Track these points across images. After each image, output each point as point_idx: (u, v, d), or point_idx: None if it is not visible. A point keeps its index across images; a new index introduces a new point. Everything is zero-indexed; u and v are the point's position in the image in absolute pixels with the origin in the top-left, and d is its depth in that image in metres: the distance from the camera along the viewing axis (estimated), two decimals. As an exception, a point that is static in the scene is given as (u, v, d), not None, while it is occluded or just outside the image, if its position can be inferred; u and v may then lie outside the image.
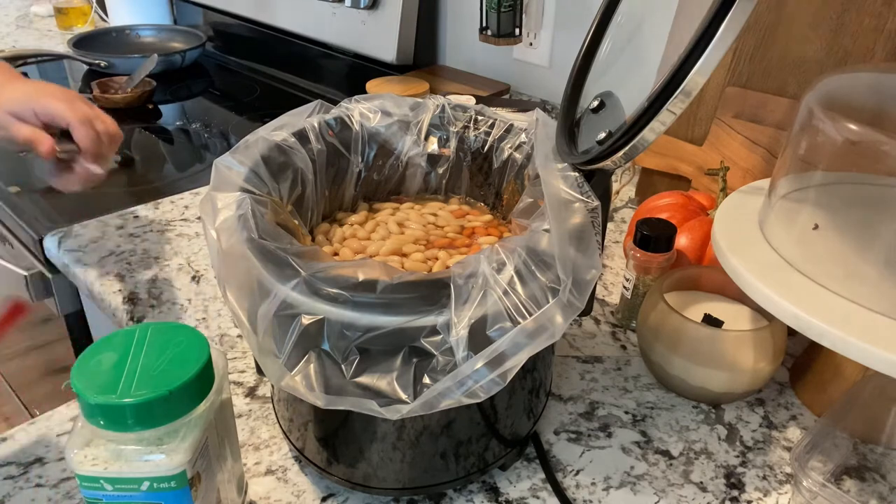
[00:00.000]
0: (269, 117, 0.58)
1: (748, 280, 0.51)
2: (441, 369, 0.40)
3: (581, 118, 0.51)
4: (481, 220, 0.59)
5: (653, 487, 0.51)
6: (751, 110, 0.73)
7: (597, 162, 0.45)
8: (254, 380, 0.60)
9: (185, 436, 0.39)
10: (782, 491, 0.52)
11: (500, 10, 1.05)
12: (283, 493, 0.51)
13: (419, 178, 0.61)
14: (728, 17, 0.37)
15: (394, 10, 1.21)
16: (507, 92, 1.23)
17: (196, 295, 0.71)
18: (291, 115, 0.56)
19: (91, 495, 0.39)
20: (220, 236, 0.45)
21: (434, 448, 0.47)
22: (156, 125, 1.23)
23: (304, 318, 0.40)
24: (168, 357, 0.40)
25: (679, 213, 0.68)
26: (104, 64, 1.37)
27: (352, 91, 1.03)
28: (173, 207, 0.88)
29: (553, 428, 0.56)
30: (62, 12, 1.69)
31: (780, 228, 0.55)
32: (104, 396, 0.37)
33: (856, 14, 0.65)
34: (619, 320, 0.68)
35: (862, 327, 0.46)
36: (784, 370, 0.63)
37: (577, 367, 0.63)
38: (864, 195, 0.52)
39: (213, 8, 1.61)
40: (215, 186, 0.48)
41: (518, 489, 0.51)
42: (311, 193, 0.55)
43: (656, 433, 0.56)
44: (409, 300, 0.40)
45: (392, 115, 0.59)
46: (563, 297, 0.41)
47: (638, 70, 0.47)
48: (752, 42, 0.72)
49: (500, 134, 0.58)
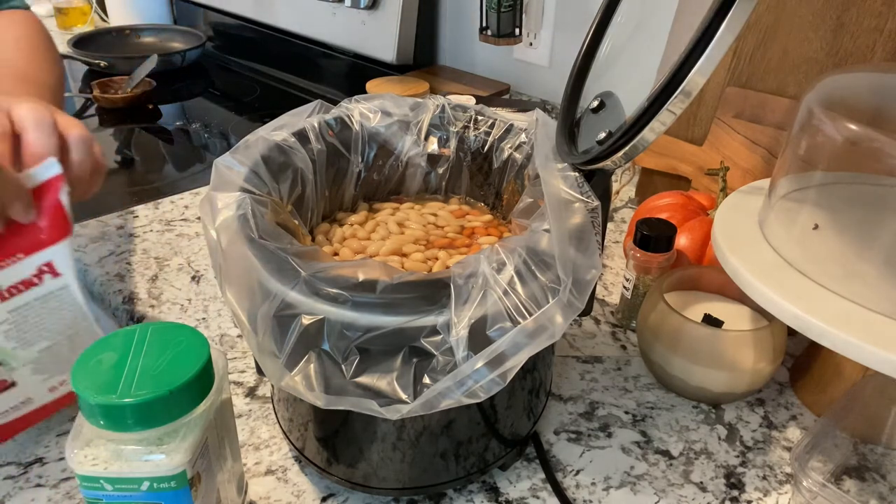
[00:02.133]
0: (269, 117, 0.58)
1: (748, 280, 0.51)
2: (441, 369, 0.40)
3: (581, 118, 0.51)
4: (481, 220, 0.59)
5: (653, 487, 0.51)
6: (751, 110, 0.73)
7: (597, 162, 0.45)
8: (254, 380, 0.60)
9: (185, 436, 0.39)
10: (782, 491, 0.52)
11: (500, 10, 1.05)
12: (283, 493, 0.51)
13: (419, 178, 0.61)
14: (728, 17, 0.37)
15: (394, 10, 1.21)
16: (507, 92, 1.23)
17: (196, 295, 0.71)
18: (291, 115, 0.56)
19: (91, 495, 0.39)
20: (220, 236, 0.45)
21: (434, 448, 0.47)
22: (156, 125, 1.23)
23: (304, 318, 0.40)
24: (168, 357, 0.40)
25: (679, 213, 0.68)
26: (104, 64, 1.37)
27: (352, 91, 1.03)
28: (173, 207, 0.88)
29: (553, 428, 0.56)
30: (62, 12, 1.69)
31: (780, 228, 0.55)
32: (104, 396, 0.37)
33: (856, 14, 0.65)
34: (619, 320, 0.68)
35: (862, 327, 0.46)
36: (784, 370, 0.63)
37: (577, 367, 0.63)
38: (864, 195, 0.52)
39: (213, 8, 1.61)
40: (215, 186, 0.48)
41: (518, 489, 0.51)
42: (311, 193, 0.55)
43: (656, 433, 0.56)
44: (409, 300, 0.40)
45: (392, 115, 0.59)
46: (563, 297, 0.41)
47: (638, 70, 0.47)
48: (752, 42, 0.72)
49: (500, 134, 0.58)
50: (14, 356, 0.47)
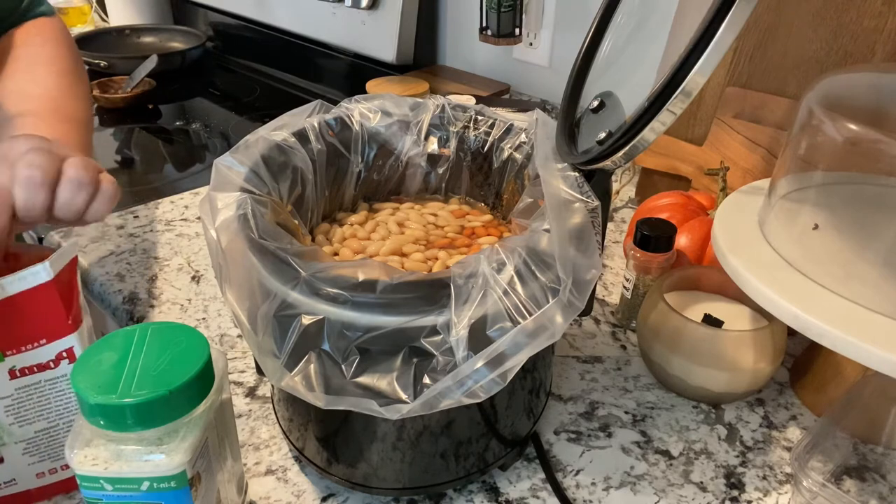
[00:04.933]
0: (269, 117, 0.58)
1: (748, 280, 0.51)
2: (441, 369, 0.40)
3: (581, 118, 0.51)
4: (481, 220, 0.59)
5: (653, 487, 0.51)
6: (751, 110, 0.73)
7: (597, 162, 0.45)
8: (254, 380, 0.60)
9: (185, 436, 0.39)
10: (782, 491, 0.52)
11: (500, 10, 1.05)
12: (283, 493, 0.51)
13: (419, 178, 0.61)
14: (728, 17, 0.37)
15: (394, 10, 1.21)
16: (507, 92, 1.23)
17: (196, 295, 0.71)
18: (291, 115, 0.56)
19: (91, 495, 0.39)
20: (220, 236, 0.45)
21: (434, 448, 0.47)
22: (156, 125, 1.23)
23: (304, 319, 0.40)
24: (168, 357, 0.40)
25: (679, 213, 0.68)
26: (104, 64, 1.37)
27: (352, 91, 1.03)
28: (173, 207, 0.88)
29: (553, 428, 0.56)
30: (62, 12, 1.69)
31: (780, 228, 0.55)
32: (104, 396, 0.37)
33: (856, 14, 0.65)
34: (619, 320, 0.68)
35: (862, 327, 0.46)
36: (784, 370, 0.63)
37: (577, 367, 0.63)
38: (864, 195, 0.52)
39: (213, 8, 1.61)
40: (215, 186, 0.48)
41: (518, 489, 0.51)
42: (311, 193, 0.55)
43: (656, 433, 0.56)
44: (409, 300, 0.40)
45: (392, 115, 0.59)
46: (563, 297, 0.41)
47: (638, 70, 0.47)
48: (752, 42, 0.72)
49: (500, 134, 0.58)
50: (10, 432, 0.46)
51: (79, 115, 0.69)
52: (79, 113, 0.69)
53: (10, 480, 0.48)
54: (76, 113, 0.69)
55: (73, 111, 0.69)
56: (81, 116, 0.69)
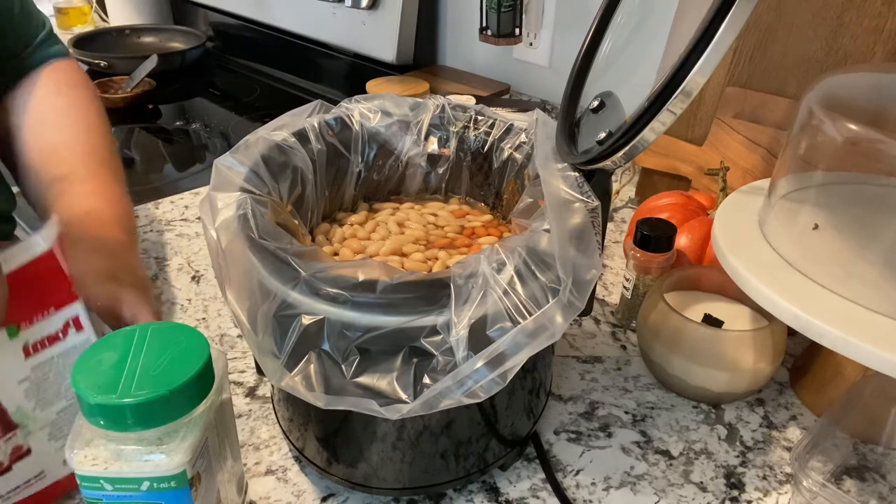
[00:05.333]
0: (269, 117, 0.58)
1: (748, 280, 0.51)
2: (441, 369, 0.40)
3: (581, 118, 0.51)
4: (481, 220, 0.59)
5: (653, 487, 0.51)
6: (751, 110, 0.73)
7: (597, 162, 0.45)
8: (254, 380, 0.60)
9: (185, 436, 0.39)
10: (782, 491, 0.52)
11: (500, 10, 1.05)
12: (283, 493, 0.51)
13: (419, 178, 0.61)
14: (728, 17, 0.37)
15: (394, 10, 1.21)
16: (507, 92, 1.23)
17: (196, 295, 0.71)
18: (291, 115, 0.56)
19: (91, 495, 0.39)
20: (220, 236, 0.45)
21: (434, 448, 0.47)
22: (156, 125, 1.23)
23: (304, 319, 0.40)
24: (168, 357, 0.39)
25: (679, 213, 0.68)
26: (104, 64, 1.37)
27: (352, 91, 1.03)
28: (173, 207, 0.88)
29: (553, 428, 0.56)
30: (62, 12, 1.69)
31: (780, 228, 0.55)
32: (104, 396, 0.37)
33: (856, 14, 0.65)
34: (619, 320, 0.68)
35: (862, 327, 0.46)
36: (784, 370, 0.63)
37: (577, 367, 0.63)
38: (864, 195, 0.52)
39: (213, 8, 1.62)
40: (215, 186, 0.48)
41: (518, 489, 0.51)
42: (311, 193, 0.55)
43: (656, 433, 0.56)
44: (409, 300, 0.40)
45: (392, 115, 0.59)
46: (563, 297, 0.41)
47: (638, 70, 0.47)
48: (752, 42, 0.72)
49: (500, 134, 0.58)
50: (33, 418, 0.46)
51: (115, 164, 0.71)
52: (114, 161, 0.72)
53: (39, 474, 0.47)
54: (112, 162, 0.71)
55: (110, 161, 0.71)
56: (116, 165, 0.72)
